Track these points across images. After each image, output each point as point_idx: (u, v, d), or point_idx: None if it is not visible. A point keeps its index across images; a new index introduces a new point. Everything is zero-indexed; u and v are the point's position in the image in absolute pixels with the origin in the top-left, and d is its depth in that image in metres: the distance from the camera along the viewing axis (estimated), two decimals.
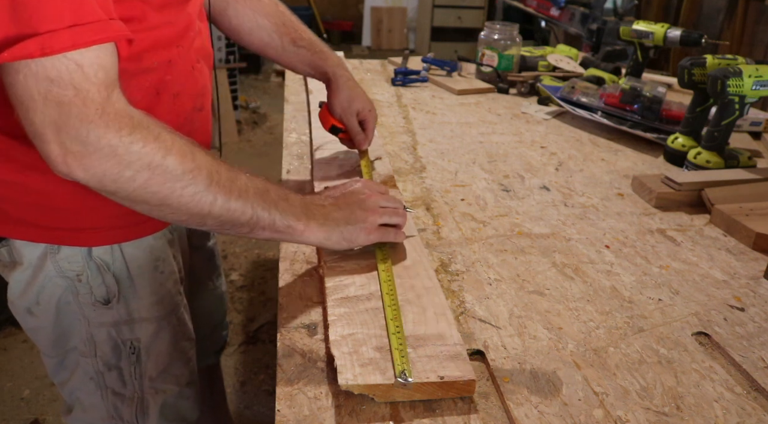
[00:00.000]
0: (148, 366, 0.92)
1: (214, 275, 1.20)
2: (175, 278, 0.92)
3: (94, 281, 0.83)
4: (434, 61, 1.80)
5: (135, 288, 0.86)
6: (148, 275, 0.87)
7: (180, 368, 0.96)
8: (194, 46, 0.83)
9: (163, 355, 0.93)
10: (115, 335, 0.88)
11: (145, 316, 0.88)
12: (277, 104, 4.32)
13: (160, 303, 0.89)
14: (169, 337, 0.92)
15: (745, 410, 0.60)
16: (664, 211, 1.01)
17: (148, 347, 0.90)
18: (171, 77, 0.78)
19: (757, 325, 0.72)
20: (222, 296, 1.24)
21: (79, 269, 0.82)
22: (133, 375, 0.91)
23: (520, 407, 0.58)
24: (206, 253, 1.16)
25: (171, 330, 0.92)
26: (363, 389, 0.56)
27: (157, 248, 0.87)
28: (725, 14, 2.80)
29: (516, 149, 1.25)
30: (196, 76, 0.84)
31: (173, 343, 0.93)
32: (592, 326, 0.71)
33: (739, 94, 1.06)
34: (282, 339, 0.66)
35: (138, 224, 0.83)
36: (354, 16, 6.43)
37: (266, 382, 1.89)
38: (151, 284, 0.87)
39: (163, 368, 0.94)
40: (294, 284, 0.75)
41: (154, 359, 0.92)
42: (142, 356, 0.90)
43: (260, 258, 2.55)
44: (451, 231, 0.91)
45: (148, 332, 0.89)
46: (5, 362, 1.90)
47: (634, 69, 1.54)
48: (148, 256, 0.86)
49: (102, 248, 0.82)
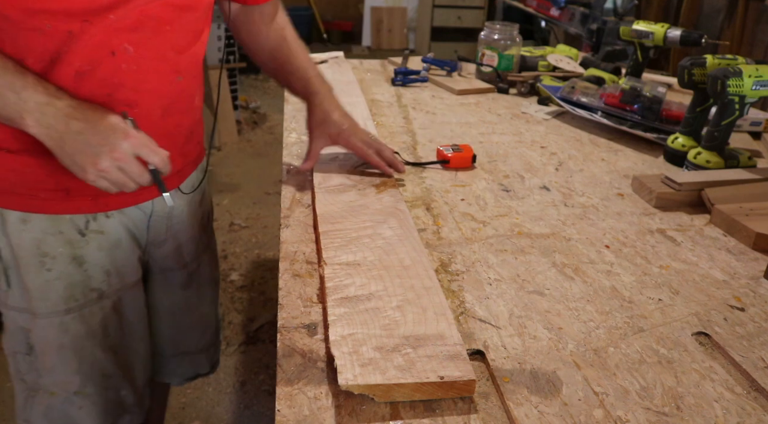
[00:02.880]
0: (38, 361, 0.91)
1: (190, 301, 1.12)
2: (72, 282, 0.88)
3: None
4: (434, 61, 1.80)
5: (21, 278, 0.86)
6: (33, 269, 0.86)
7: (67, 374, 0.93)
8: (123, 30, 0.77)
9: (48, 354, 0.91)
10: (14, 320, 0.89)
11: (32, 309, 0.88)
12: (277, 104, 4.32)
13: (44, 300, 0.88)
14: (54, 338, 0.90)
15: (745, 410, 0.60)
16: (664, 211, 1.01)
17: (37, 342, 0.90)
18: (71, 51, 0.74)
19: (757, 325, 0.72)
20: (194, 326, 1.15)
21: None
22: (30, 366, 0.92)
23: (520, 407, 0.58)
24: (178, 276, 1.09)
25: (57, 331, 0.89)
26: (363, 389, 0.56)
27: (47, 244, 0.85)
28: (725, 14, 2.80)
29: (516, 149, 1.25)
30: (119, 65, 0.78)
31: (58, 346, 0.90)
32: (592, 326, 0.71)
33: (739, 94, 1.06)
34: (282, 339, 0.66)
35: (9, 193, 0.82)
36: (354, 16, 6.43)
37: (266, 382, 1.89)
38: (35, 278, 0.86)
39: (49, 368, 0.92)
40: (294, 284, 0.75)
41: (42, 356, 0.91)
42: (35, 349, 0.90)
43: (260, 258, 2.55)
44: (451, 231, 0.91)
45: (37, 326, 0.89)
46: (5, 362, 1.90)
47: (634, 69, 1.54)
48: (34, 249, 0.85)
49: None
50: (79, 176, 0.76)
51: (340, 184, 0.98)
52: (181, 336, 1.16)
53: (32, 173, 0.81)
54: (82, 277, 0.89)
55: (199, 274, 1.13)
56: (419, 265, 0.76)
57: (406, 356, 0.60)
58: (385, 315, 0.66)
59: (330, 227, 0.84)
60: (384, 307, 0.67)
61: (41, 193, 0.83)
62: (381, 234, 0.83)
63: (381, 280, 0.72)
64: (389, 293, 0.70)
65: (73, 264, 0.88)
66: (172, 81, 0.86)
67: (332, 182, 0.98)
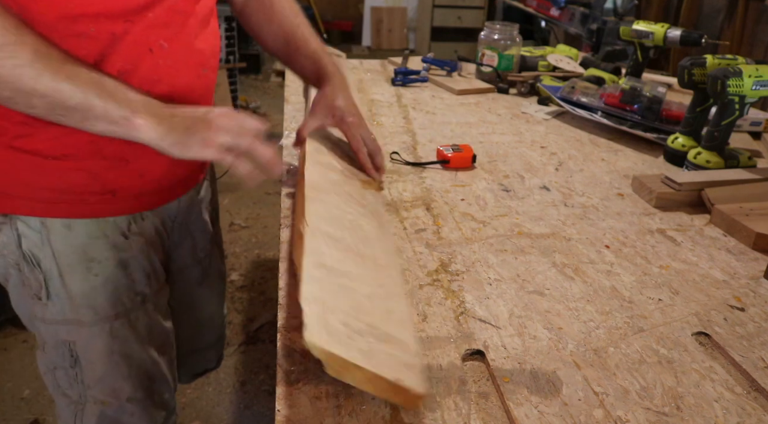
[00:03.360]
0: (86, 372, 0.88)
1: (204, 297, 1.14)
2: (118, 286, 0.87)
3: (30, 274, 0.81)
4: (434, 61, 1.80)
5: (65, 288, 0.83)
6: (79, 276, 0.83)
7: (118, 380, 0.91)
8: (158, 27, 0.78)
9: (96, 363, 0.88)
10: (54, 334, 0.85)
11: (78, 318, 0.85)
12: (277, 104, 4.33)
13: (92, 308, 0.85)
14: (103, 345, 0.88)
15: (745, 410, 0.60)
16: (664, 211, 1.01)
17: (83, 352, 0.87)
18: (114, 53, 0.75)
19: (757, 325, 0.72)
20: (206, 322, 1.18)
21: (17, 259, 0.81)
22: (76, 379, 0.89)
23: (520, 407, 0.58)
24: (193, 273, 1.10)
25: (105, 339, 0.88)
26: (322, 354, 0.52)
27: (93, 249, 0.83)
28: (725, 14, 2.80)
29: (516, 149, 1.25)
30: (156, 61, 0.79)
31: (108, 353, 0.88)
32: (592, 326, 0.71)
33: (739, 94, 1.06)
34: (282, 339, 0.66)
35: (55, 202, 0.80)
36: (354, 16, 6.43)
37: (266, 382, 1.89)
38: (81, 286, 0.84)
39: (99, 377, 0.90)
40: (294, 283, 0.75)
41: (90, 366, 0.88)
42: (80, 360, 0.87)
43: (260, 258, 2.55)
44: (451, 231, 0.91)
45: (82, 336, 0.86)
46: (5, 362, 1.90)
47: (634, 69, 1.54)
48: (81, 255, 0.83)
49: (32, 241, 0.80)
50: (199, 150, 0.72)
51: (329, 164, 0.93)
52: (195, 333, 1.16)
53: (78, 178, 0.79)
54: (127, 280, 0.88)
55: (210, 269, 1.13)
56: (393, 269, 0.72)
57: (370, 344, 0.56)
58: (355, 298, 0.62)
59: (316, 194, 0.78)
60: (356, 290, 0.63)
61: (89, 196, 0.81)
62: (362, 225, 0.78)
63: (355, 265, 0.68)
64: (362, 281, 0.65)
65: (118, 268, 0.86)
66: (200, 74, 0.86)
67: (323, 158, 0.93)
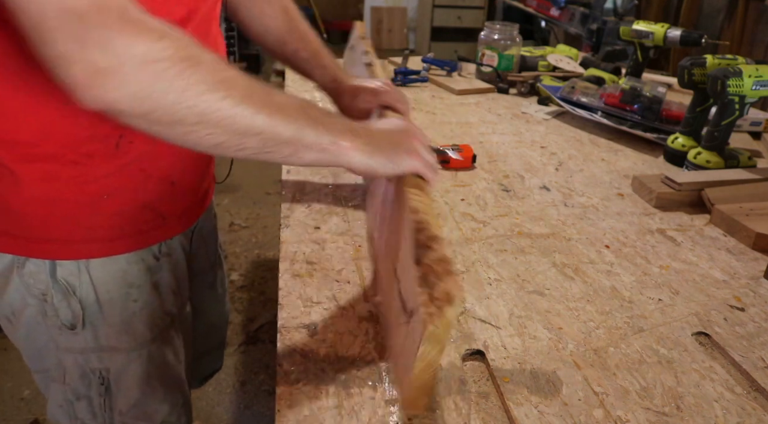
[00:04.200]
0: (118, 399, 0.87)
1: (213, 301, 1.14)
2: (153, 308, 0.85)
3: (60, 303, 0.78)
4: (434, 61, 1.80)
5: (103, 315, 0.81)
6: (119, 303, 0.81)
7: (154, 404, 0.90)
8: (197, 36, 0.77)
9: (133, 389, 0.87)
10: (83, 363, 0.83)
11: (114, 345, 0.83)
12: None
13: (130, 334, 0.84)
14: (141, 371, 0.87)
15: (745, 410, 0.60)
16: (664, 211, 1.01)
17: (118, 379, 0.85)
18: None
19: (757, 325, 0.72)
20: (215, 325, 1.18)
21: (44, 288, 0.77)
22: (103, 407, 0.87)
23: (520, 407, 0.58)
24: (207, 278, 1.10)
25: (143, 364, 0.87)
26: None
27: (132, 274, 0.81)
28: (725, 14, 2.81)
29: (516, 149, 1.25)
30: None
31: (145, 378, 0.87)
32: (592, 326, 0.71)
33: (739, 94, 1.06)
34: (282, 339, 0.66)
35: (108, 240, 0.78)
36: (354, 16, 6.43)
37: (266, 382, 1.89)
38: (121, 312, 0.82)
39: (134, 403, 0.88)
40: (294, 284, 0.75)
41: (124, 393, 0.87)
42: (111, 388, 0.85)
43: (260, 258, 2.55)
44: (451, 231, 0.91)
45: (117, 363, 0.84)
46: (5, 362, 1.90)
47: (634, 69, 1.54)
48: (120, 282, 0.80)
49: (68, 269, 0.77)
50: (409, 163, 0.69)
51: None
52: (205, 336, 1.16)
53: (134, 210, 0.77)
54: (159, 302, 0.86)
55: (217, 272, 1.13)
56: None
57: None
58: None
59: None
60: None
61: (142, 225, 0.79)
62: None
63: None
64: None
65: (153, 291, 0.85)
66: None
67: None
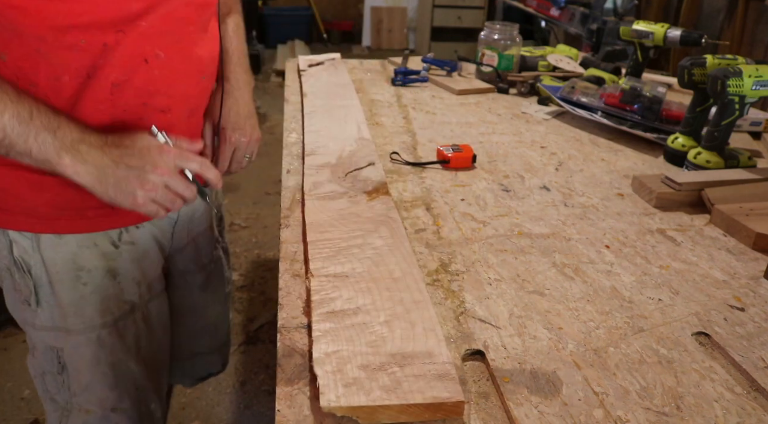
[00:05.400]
0: (71, 380, 0.88)
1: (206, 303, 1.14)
2: (107, 294, 0.87)
3: (21, 280, 0.81)
4: (434, 61, 1.80)
5: (55, 295, 0.83)
6: (68, 285, 0.83)
7: (104, 390, 0.91)
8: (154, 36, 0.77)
9: (83, 372, 0.88)
10: (43, 339, 0.85)
11: (65, 326, 0.85)
12: (277, 104, 4.32)
13: (79, 316, 0.85)
14: (90, 354, 0.88)
15: (745, 410, 0.60)
16: (664, 211, 1.01)
17: (71, 360, 0.87)
18: (107, 64, 0.74)
19: (757, 325, 0.72)
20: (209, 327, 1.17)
21: (8, 264, 0.81)
22: (62, 385, 0.89)
23: (520, 407, 0.58)
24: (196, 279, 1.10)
25: (93, 347, 0.88)
26: (346, 411, 0.54)
27: (82, 258, 0.83)
28: (725, 14, 2.81)
29: (516, 149, 1.25)
30: (152, 72, 0.78)
31: (95, 362, 0.88)
32: (592, 326, 0.71)
33: (739, 94, 1.06)
34: (282, 339, 0.66)
35: (52, 218, 0.80)
36: (354, 16, 6.43)
37: (266, 382, 1.89)
38: (70, 294, 0.84)
39: (84, 386, 0.89)
40: (294, 284, 0.75)
41: (76, 375, 0.88)
42: (67, 368, 0.87)
43: (260, 258, 2.55)
44: (451, 231, 0.91)
45: (69, 344, 0.86)
46: (5, 362, 1.90)
47: (634, 69, 1.54)
48: (70, 264, 0.83)
49: (22, 247, 0.80)
50: (126, 205, 0.73)
51: (331, 191, 0.95)
52: (197, 337, 1.16)
53: (77, 193, 0.78)
54: (115, 290, 0.87)
55: (215, 274, 1.12)
56: (409, 277, 0.73)
57: (392, 375, 0.57)
58: (372, 331, 0.63)
59: (318, 236, 0.81)
60: (371, 322, 0.65)
61: (86, 211, 0.81)
62: (371, 244, 0.80)
63: (369, 293, 0.70)
64: (377, 307, 0.67)
65: (107, 277, 0.86)
66: (198, 82, 0.86)
67: (323, 189, 0.95)
